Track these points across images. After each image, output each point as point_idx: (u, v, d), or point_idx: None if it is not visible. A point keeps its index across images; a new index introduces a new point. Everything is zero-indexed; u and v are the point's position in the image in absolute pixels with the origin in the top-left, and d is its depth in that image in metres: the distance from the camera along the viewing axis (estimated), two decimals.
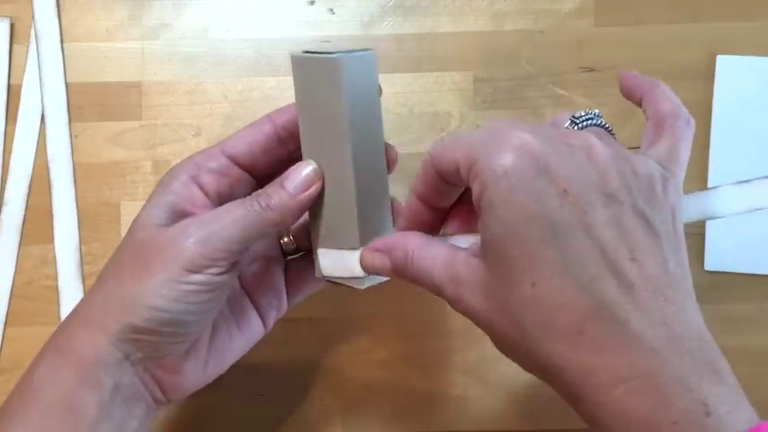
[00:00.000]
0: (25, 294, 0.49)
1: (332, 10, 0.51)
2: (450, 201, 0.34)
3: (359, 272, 0.35)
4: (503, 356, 0.30)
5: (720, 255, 0.50)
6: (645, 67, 0.51)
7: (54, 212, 0.50)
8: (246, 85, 0.51)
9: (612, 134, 0.34)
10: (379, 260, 0.33)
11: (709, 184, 0.50)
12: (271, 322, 0.41)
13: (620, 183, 0.28)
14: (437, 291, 0.31)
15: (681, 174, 0.31)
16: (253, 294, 0.40)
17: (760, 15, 0.51)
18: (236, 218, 0.34)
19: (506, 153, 0.27)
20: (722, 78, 0.50)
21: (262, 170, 0.38)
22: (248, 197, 0.35)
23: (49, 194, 0.50)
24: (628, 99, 0.36)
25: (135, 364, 0.35)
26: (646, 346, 0.26)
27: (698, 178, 0.50)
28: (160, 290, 0.33)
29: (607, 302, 0.26)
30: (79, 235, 0.50)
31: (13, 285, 0.49)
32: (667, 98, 0.34)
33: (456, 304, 0.30)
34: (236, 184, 0.38)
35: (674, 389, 0.25)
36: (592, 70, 0.51)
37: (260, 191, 0.35)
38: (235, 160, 0.37)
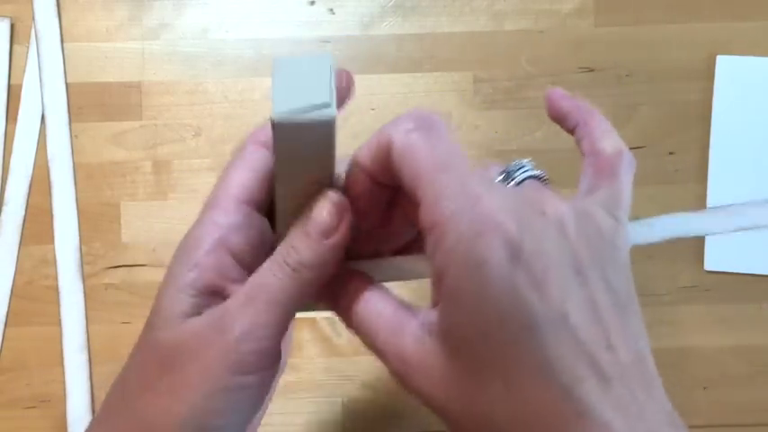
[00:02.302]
0: (25, 294, 0.49)
1: (332, 10, 0.51)
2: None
3: None
4: None
5: (720, 255, 0.50)
6: (645, 67, 0.51)
7: (54, 212, 0.50)
8: (246, 85, 0.51)
9: (547, 182, 0.29)
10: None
11: (709, 184, 0.50)
12: (288, 353, 0.36)
13: (591, 254, 0.25)
14: (379, 357, 0.27)
15: (626, 219, 0.29)
16: None
17: (760, 15, 0.51)
18: (274, 295, 0.28)
19: (485, 237, 0.23)
20: (722, 78, 0.50)
21: (266, 203, 0.31)
22: (274, 260, 0.28)
23: (49, 194, 0.50)
24: (556, 123, 0.31)
25: None
26: None
27: (698, 178, 0.50)
28: (205, 407, 0.27)
29: (589, 406, 0.23)
30: (79, 235, 0.50)
31: (13, 285, 0.49)
32: (607, 134, 0.30)
33: (402, 381, 0.26)
34: (259, 233, 0.30)
35: None
36: (592, 70, 0.51)
37: (284, 245, 0.28)
38: (253, 204, 0.30)
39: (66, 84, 0.50)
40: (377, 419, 0.49)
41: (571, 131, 0.30)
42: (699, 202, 0.50)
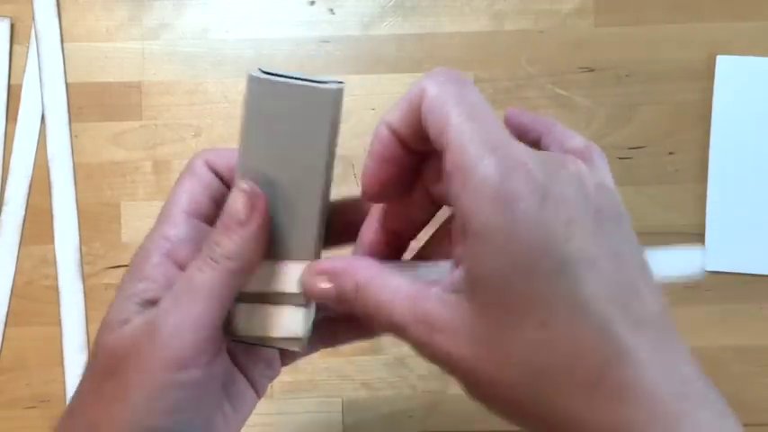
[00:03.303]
0: (25, 294, 0.49)
1: (332, 10, 0.51)
2: (427, 147, 0.27)
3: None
4: None
5: (720, 255, 0.50)
6: (645, 67, 0.51)
7: (54, 212, 0.50)
8: None
9: None
10: (322, 285, 0.28)
11: (709, 184, 0.50)
12: (264, 390, 0.35)
13: (609, 210, 0.26)
14: (397, 331, 0.26)
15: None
16: (244, 367, 0.34)
17: (760, 15, 0.51)
18: (200, 289, 0.28)
19: (513, 175, 0.24)
20: (722, 78, 0.50)
21: (214, 215, 0.31)
22: (199, 257, 0.29)
23: (49, 194, 0.50)
24: (520, 139, 0.32)
25: None
26: (668, 392, 0.24)
27: (698, 178, 0.50)
28: (146, 407, 0.27)
29: (626, 346, 0.24)
30: (79, 235, 0.50)
31: (13, 285, 0.49)
32: (572, 134, 0.30)
33: (425, 348, 0.26)
34: None
35: None
36: (592, 70, 0.51)
37: (207, 242, 0.29)
38: (202, 217, 0.31)
39: (67, 84, 0.50)
40: (377, 419, 0.49)
41: (536, 144, 0.30)
42: (699, 202, 0.50)
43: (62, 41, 0.51)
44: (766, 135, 0.50)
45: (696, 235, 0.50)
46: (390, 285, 0.27)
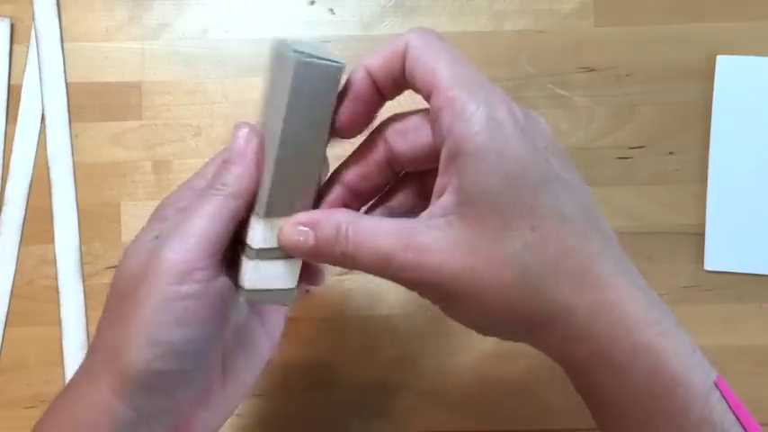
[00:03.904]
0: (25, 294, 0.49)
1: (332, 10, 0.51)
2: (399, 93, 0.32)
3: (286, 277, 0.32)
4: (503, 356, 0.30)
5: (720, 255, 0.50)
6: (645, 67, 0.51)
7: (54, 212, 0.50)
8: (246, 85, 0.51)
9: None
10: (301, 236, 0.30)
11: (709, 184, 0.50)
12: (278, 336, 0.38)
13: (564, 154, 0.30)
14: (383, 263, 0.29)
15: None
16: (260, 315, 0.37)
17: (760, 15, 0.51)
18: (199, 210, 0.31)
19: (500, 104, 0.28)
20: (722, 78, 0.50)
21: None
22: (204, 187, 0.32)
23: (49, 194, 0.50)
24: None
25: (150, 422, 0.31)
26: (634, 288, 0.28)
27: (698, 178, 0.50)
28: (154, 319, 0.30)
29: (601, 248, 0.28)
30: (79, 235, 0.50)
31: (13, 285, 0.49)
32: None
33: (413, 272, 0.28)
34: None
35: (668, 325, 0.28)
36: (592, 70, 0.51)
37: (211, 176, 0.33)
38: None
39: (67, 84, 0.50)
40: (377, 419, 0.49)
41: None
42: (699, 202, 0.50)
43: (62, 41, 0.51)
44: (766, 135, 0.50)
45: (696, 235, 0.50)
46: (371, 223, 0.29)
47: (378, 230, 0.29)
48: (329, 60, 0.29)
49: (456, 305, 0.29)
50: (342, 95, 0.31)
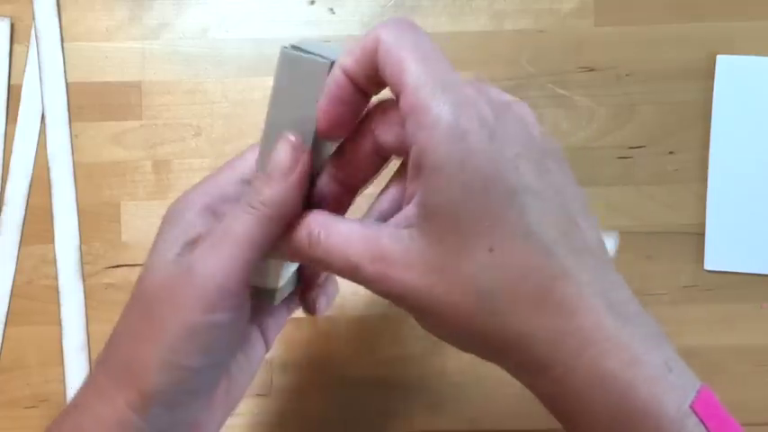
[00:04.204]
0: (25, 294, 0.49)
1: (332, 10, 0.51)
2: (381, 89, 0.30)
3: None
4: None
5: (720, 255, 0.50)
6: (645, 67, 0.51)
7: (54, 212, 0.50)
8: (246, 85, 0.51)
9: None
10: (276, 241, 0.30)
11: (709, 184, 0.50)
12: (272, 343, 0.38)
13: (552, 153, 0.28)
14: (352, 271, 0.28)
15: None
16: (258, 317, 0.36)
17: (760, 15, 0.51)
18: (237, 234, 0.29)
19: (466, 109, 0.26)
20: (722, 78, 0.50)
21: None
22: (238, 205, 0.30)
23: (49, 194, 0.50)
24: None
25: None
26: (607, 309, 0.26)
27: (698, 178, 0.50)
28: (180, 346, 0.29)
29: (569, 266, 0.26)
30: (79, 235, 0.50)
31: (13, 285, 0.49)
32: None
33: (379, 284, 0.27)
34: None
35: (639, 348, 0.26)
36: (592, 70, 0.51)
37: (249, 190, 0.31)
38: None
39: (67, 83, 0.50)
40: (376, 419, 0.49)
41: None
42: (699, 202, 0.50)
43: (62, 41, 0.51)
44: (766, 135, 0.50)
45: (696, 234, 0.50)
46: (343, 229, 0.28)
47: (350, 236, 0.28)
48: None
49: (425, 320, 0.28)
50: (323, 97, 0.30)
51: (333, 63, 0.29)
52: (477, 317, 0.26)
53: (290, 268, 0.34)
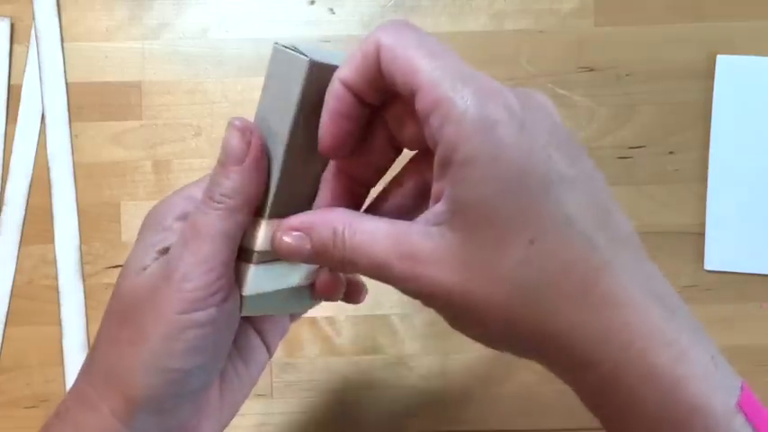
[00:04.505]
0: (25, 294, 0.49)
1: (332, 10, 0.51)
2: (382, 99, 0.28)
3: (294, 280, 0.31)
4: (503, 356, 0.29)
5: (720, 255, 0.50)
6: (645, 67, 0.51)
7: (54, 212, 0.50)
8: (246, 85, 0.51)
9: None
10: (296, 241, 0.28)
11: (709, 184, 0.50)
12: (275, 348, 0.37)
13: (576, 141, 0.27)
14: (380, 270, 0.27)
15: None
16: (256, 322, 0.36)
17: (760, 15, 0.51)
18: (205, 230, 0.29)
19: (492, 99, 0.25)
20: (722, 78, 0.50)
21: None
22: (201, 200, 0.29)
23: (49, 194, 0.50)
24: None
25: None
26: (651, 301, 0.25)
27: (698, 178, 0.50)
28: (165, 348, 0.28)
29: (610, 258, 0.25)
30: (79, 235, 0.50)
31: (13, 285, 0.49)
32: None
33: (409, 282, 0.26)
34: None
35: (687, 343, 0.25)
36: (592, 70, 0.51)
37: (207, 184, 0.30)
38: None
39: (67, 84, 0.50)
40: (377, 419, 0.49)
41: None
42: (699, 202, 0.50)
43: (62, 41, 0.51)
44: (766, 135, 0.50)
45: (696, 235, 0.50)
46: (369, 227, 0.27)
47: (376, 234, 0.27)
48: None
49: (456, 319, 0.27)
50: (323, 114, 0.28)
51: (311, 61, 0.27)
52: (518, 312, 0.25)
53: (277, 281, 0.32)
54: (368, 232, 0.27)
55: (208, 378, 0.31)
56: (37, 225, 0.50)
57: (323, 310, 0.49)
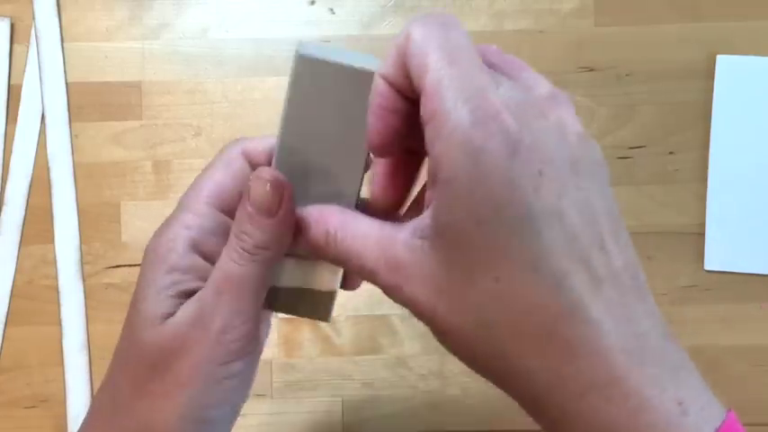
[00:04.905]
0: (25, 294, 0.49)
1: (332, 10, 0.51)
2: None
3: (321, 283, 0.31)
4: None
5: (720, 255, 0.50)
6: (645, 67, 0.51)
7: (54, 212, 0.50)
8: (246, 85, 0.51)
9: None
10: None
11: (709, 184, 0.50)
12: (264, 341, 0.36)
13: (588, 163, 0.25)
14: (368, 276, 0.27)
15: None
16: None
17: (760, 15, 0.51)
18: (240, 282, 0.29)
19: (484, 126, 0.23)
20: (722, 78, 0.50)
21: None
22: (232, 248, 0.29)
23: (49, 194, 0.50)
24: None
25: None
26: (618, 348, 0.24)
27: (698, 178, 0.50)
28: (202, 399, 0.28)
29: (579, 302, 0.23)
30: (79, 235, 0.50)
31: (13, 285, 0.49)
32: (539, 80, 0.30)
33: (394, 294, 0.26)
34: (228, 233, 0.31)
35: (650, 391, 0.23)
36: (592, 70, 0.51)
37: (234, 232, 0.29)
38: (225, 210, 0.31)
39: (67, 83, 0.50)
40: (377, 419, 0.49)
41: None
42: (699, 202, 0.50)
43: (62, 41, 0.51)
44: (766, 135, 0.50)
45: (696, 235, 0.50)
46: (360, 231, 0.27)
47: (366, 240, 0.26)
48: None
49: (437, 335, 0.26)
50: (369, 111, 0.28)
51: (356, 70, 0.27)
52: (482, 346, 0.25)
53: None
54: (359, 237, 0.27)
55: (234, 419, 0.31)
56: (37, 225, 0.50)
57: None
